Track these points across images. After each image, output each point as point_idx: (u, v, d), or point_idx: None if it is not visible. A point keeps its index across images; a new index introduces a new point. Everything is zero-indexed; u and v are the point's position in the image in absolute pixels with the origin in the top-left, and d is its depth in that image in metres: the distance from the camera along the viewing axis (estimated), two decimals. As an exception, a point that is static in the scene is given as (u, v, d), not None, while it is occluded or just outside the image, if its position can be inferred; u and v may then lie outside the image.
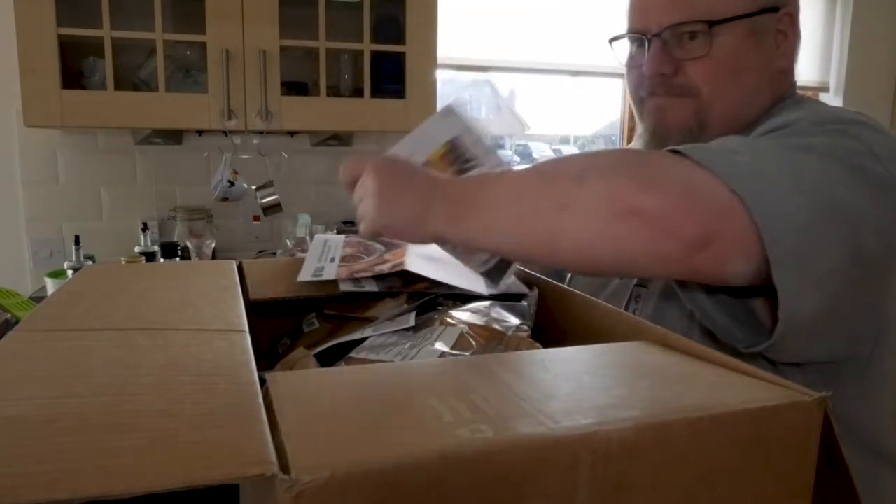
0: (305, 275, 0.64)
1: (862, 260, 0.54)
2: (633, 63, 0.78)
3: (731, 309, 0.61)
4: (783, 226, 0.50)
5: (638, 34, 0.76)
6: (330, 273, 0.64)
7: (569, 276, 0.94)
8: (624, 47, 0.80)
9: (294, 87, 2.08)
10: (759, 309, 0.60)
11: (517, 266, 0.64)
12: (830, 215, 0.53)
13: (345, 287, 0.62)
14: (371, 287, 0.63)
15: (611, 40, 0.81)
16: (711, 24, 0.71)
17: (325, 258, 0.68)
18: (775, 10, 0.73)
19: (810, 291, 0.52)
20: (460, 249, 0.61)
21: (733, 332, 0.61)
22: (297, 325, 0.67)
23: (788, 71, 0.76)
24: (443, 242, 0.59)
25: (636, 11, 0.77)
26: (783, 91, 0.76)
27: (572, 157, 0.56)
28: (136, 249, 2.02)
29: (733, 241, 0.51)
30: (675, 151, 0.54)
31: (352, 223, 2.26)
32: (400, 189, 0.58)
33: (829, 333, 0.59)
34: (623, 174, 0.51)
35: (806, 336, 0.57)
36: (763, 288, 0.55)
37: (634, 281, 0.78)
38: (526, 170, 0.57)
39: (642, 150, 0.62)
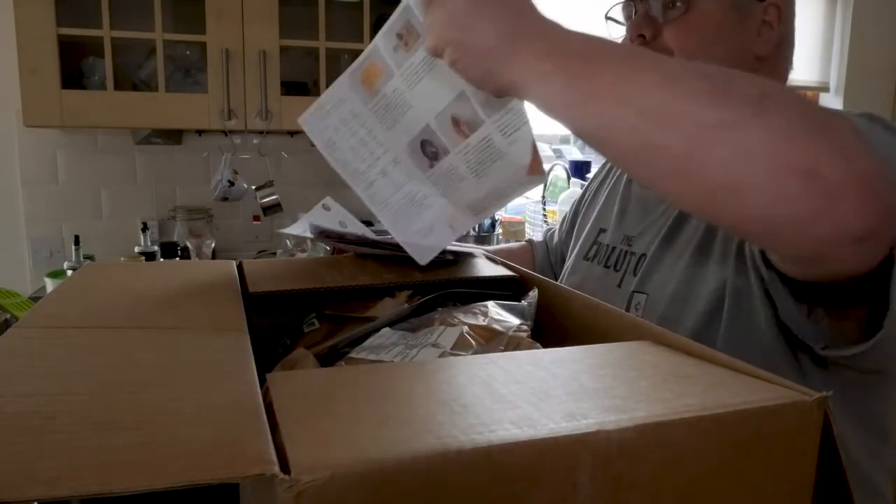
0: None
1: None
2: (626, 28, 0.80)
3: (798, 308, 0.59)
4: None
5: (627, 1, 0.79)
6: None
7: (563, 277, 0.94)
8: (616, 24, 0.82)
9: (294, 87, 2.08)
10: (819, 315, 0.58)
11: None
12: None
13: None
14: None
15: (606, 15, 0.83)
16: None
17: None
18: None
19: None
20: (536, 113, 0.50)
21: (811, 331, 0.59)
22: (298, 324, 0.67)
23: (772, 65, 0.76)
24: (517, 96, 0.48)
25: None
26: None
27: (748, 78, 0.46)
28: (136, 249, 2.02)
29: (882, 241, 0.45)
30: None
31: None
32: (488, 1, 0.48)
33: None
34: (810, 121, 0.43)
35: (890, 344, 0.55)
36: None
37: (632, 287, 0.78)
38: (677, 59, 0.49)
39: (817, 104, 0.50)
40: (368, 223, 0.79)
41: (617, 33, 0.82)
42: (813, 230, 0.43)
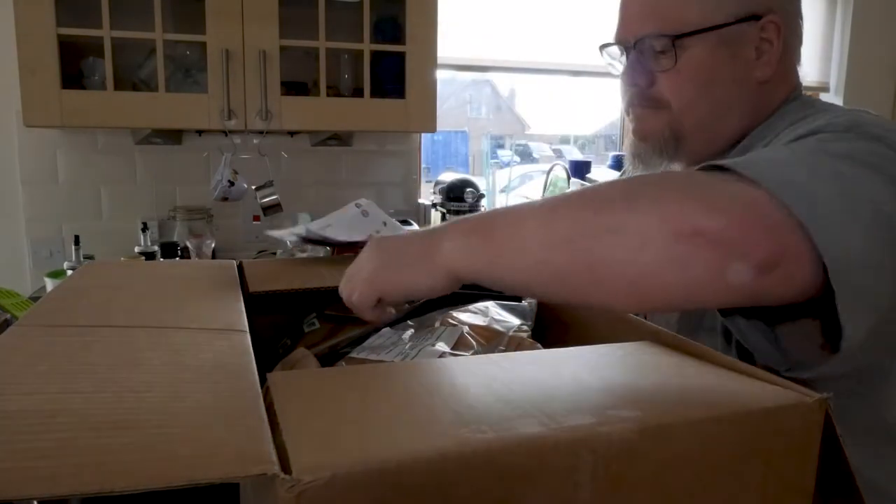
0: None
1: None
2: (621, 74, 0.81)
3: (766, 334, 0.59)
4: (846, 259, 0.47)
5: (619, 45, 0.79)
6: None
7: None
8: (614, 54, 0.82)
9: (294, 87, 2.08)
10: (786, 334, 0.58)
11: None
12: (883, 239, 0.50)
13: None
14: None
15: (601, 47, 0.83)
16: (675, 37, 0.71)
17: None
18: (756, 18, 0.71)
19: (865, 318, 0.50)
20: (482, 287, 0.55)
21: (774, 356, 0.58)
22: (298, 325, 0.67)
23: (777, 78, 0.74)
24: (458, 280, 0.52)
25: (619, 21, 0.79)
26: (778, 97, 0.75)
27: (613, 182, 0.51)
28: (136, 249, 2.02)
29: (799, 260, 0.47)
30: (722, 168, 0.50)
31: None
32: (401, 246, 0.55)
33: (873, 350, 0.56)
34: (678, 193, 0.47)
35: (854, 359, 0.54)
36: (790, 312, 0.53)
37: None
38: (555, 197, 0.53)
39: (685, 170, 0.56)
40: (406, 222, 0.77)
41: (609, 60, 0.83)
42: (728, 276, 0.45)
